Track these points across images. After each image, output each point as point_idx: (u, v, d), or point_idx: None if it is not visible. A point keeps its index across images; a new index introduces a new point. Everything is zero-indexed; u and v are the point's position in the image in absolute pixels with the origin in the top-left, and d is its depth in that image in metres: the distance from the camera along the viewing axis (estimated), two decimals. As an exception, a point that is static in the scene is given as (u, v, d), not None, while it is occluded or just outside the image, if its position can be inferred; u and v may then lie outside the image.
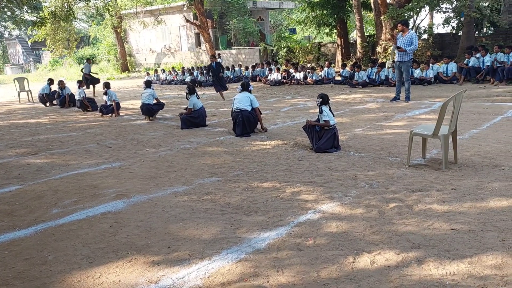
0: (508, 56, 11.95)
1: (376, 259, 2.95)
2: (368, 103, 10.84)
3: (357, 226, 3.50)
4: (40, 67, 40.20)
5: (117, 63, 32.51)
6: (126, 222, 3.85)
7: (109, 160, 6.23)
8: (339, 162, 5.44)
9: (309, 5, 20.45)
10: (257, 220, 3.73)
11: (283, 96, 13.44)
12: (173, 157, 6.19)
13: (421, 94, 11.28)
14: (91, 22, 43.13)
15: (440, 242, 3.13)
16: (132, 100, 14.71)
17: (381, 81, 13.89)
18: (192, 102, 8.52)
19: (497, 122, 7.42)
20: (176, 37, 32.05)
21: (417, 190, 4.26)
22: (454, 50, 17.20)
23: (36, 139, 8.34)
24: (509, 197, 3.92)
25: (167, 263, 3.06)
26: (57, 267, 3.11)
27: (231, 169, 5.43)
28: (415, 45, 9.96)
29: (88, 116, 11.30)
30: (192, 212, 4.00)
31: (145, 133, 8.34)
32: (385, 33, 17.06)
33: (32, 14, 22.45)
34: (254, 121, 7.56)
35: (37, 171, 5.85)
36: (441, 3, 16.32)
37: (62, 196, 4.71)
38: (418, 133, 5.03)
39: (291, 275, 2.80)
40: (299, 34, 30.82)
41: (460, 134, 6.32)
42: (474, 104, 9.41)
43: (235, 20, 27.18)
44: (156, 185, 4.92)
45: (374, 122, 8.06)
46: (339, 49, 20.58)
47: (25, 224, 3.96)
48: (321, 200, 4.15)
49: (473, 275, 2.68)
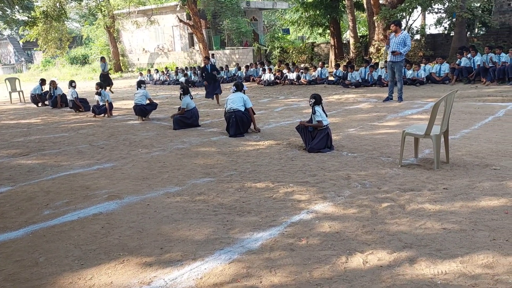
0: (499, 57, 12.05)
1: (368, 259, 2.95)
2: (361, 103, 10.88)
3: (349, 226, 3.51)
4: (32, 67, 39.90)
5: (110, 63, 32.33)
6: (118, 223, 3.83)
7: (101, 161, 6.20)
8: (332, 162, 5.45)
9: (303, 5, 20.50)
10: (250, 221, 3.73)
11: (276, 96, 13.45)
12: (166, 158, 6.17)
13: (414, 94, 11.34)
14: (84, 22, 42.88)
15: (432, 242, 3.14)
16: (125, 100, 14.65)
17: (374, 82, 13.95)
18: (186, 102, 8.50)
19: (488, 122, 7.48)
20: (169, 37, 31.97)
21: (409, 189, 4.28)
22: (446, 50, 17.32)
23: (28, 139, 8.28)
24: (500, 196, 3.95)
25: (160, 264, 3.04)
26: (48, 269, 3.08)
27: (224, 169, 5.42)
28: (409, 46, 10.03)
29: (80, 117, 11.23)
30: (185, 213, 3.99)
31: (137, 133, 8.31)
32: (378, 34, 17.16)
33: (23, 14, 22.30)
34: (247, 121, 7.55)
35: (28, 172, 5.81)
36: (433, 3, 16.45)
37: (53, 197, 4.67)
38: (410, 133, 5.05)
39: (283, 276, 2.80)
40: (292, 35, 30.88)
41: (452, 134, 6.36)
42: (465, 104, 9.48)
43: (228, 20, 27.17)
44: (148, 185, 4.90)
45: (367, 122, 8.09)
46: (332, 49, 20.64)
47: (16, 226, 3.92)
48: (314, 200, 4.15)
49: (465, 274, 2.70)
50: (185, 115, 8.51)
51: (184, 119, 8.51)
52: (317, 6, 20.07)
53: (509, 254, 2.89)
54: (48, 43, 28.45)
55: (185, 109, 8.50)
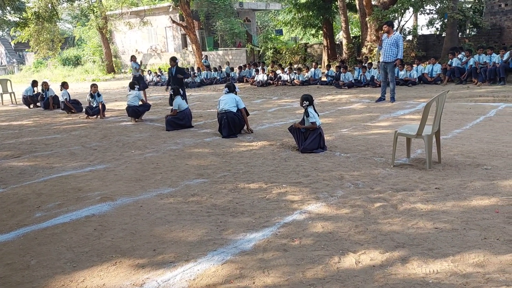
0: (490, 57, 12.16)
1: (361, 259, 2.97)
2: (354, 103, 10.93)
3: (342, 226, 3.52)
4: (24, 69, 39.53)
5: (103, 64, 32.17)
6: (111, 225, 3.81)
7: (94, 163, 6.17)
8: (325, 163, 5.47)
9: (295, 6, 20.53)
10: (243, 221, 3.73)
11: (269, 97, 13.46)
12: (159, 159, 6.15)
13: (406, 94, 11.40)
14: (76, 23, 42.64)
15: (424, 241, 3.16)
16: (118, 101, 14.58)
17: (367, 82, 14.01)
18: (177, 103, 8.49)
19: (479, 122, 7.54)
20: (162, 38, 31.88)
21: (402, 189, 4.30)
22: (438, 51, 17.44)
23: (20, 141, 8.21)
24: (491, 196, 3.98)
25: (152, 266, 3.03)
26: (40, 271, 3.06)
27: (218, 170, 5.41)
28: (401, 47, 10.11)
29: (73, 118, 11.16)
30: (178, 214, 3.98)
31: (130, 134, 8.27)
32: (370, 34, 17.24)
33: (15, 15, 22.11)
34: (239, 122, 7.55)
35: (20, 174, 5.76)
36: (425, 5, 16.54)
37: (45, 199, 4.64)
38: (402, 133, 5.08)
39: (277, 276, 2.81)
40: (285, 35, 30.93)
41: (444, 134, 6.41)
42: (457, 104, 9.55)
43: (221, 21, 27.14)
44: (141, 187, 4.88)
45: (359, 123, 8.12)
46: (325, 50, 20.70)
47: (7, 228, 3.89)
48: (307, 200, 4.16)
49: (456, 273, 2.72)
50: (178, 116, 8.49)
51: (176, 120, 8.49)
52: (310, 7, 20.12)
53: (500, 253, 2.92)
54: (40, 44, 28.22)
55: (177, 110, 8.48)
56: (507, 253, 2.91)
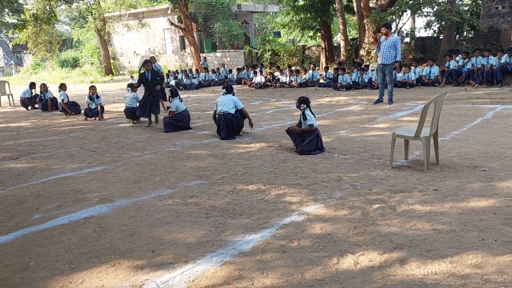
0: (487, 59, 12.21)
1: (359, 260, 2.97)
2: (352, 105, 10.95)
3: (341, 227, 3.53)
4: (22, 70, 39.49)
5: (101, 66, 32.17)
6: (109, 227, 3.81)
7: (93, 164, 6.16)
8: (323, 164, 5.48)
9: (293, 8, 20.59)
10: (242, 223, 3.73)
11: (268, 99, 13.48)
12: (157, 160, 6.15)
13: (404, 96, 11.44)
14: (74, 25, 42.60)
15: (422, 242, 3.17)
16: (116, 103, 14.58)
17: (365, 84, 14.05)
18: (175, 104, 8.49)
19: (477, 124, 7.57)
20: (160, 40, 31.91)
21: (400, 191, 4.32)
22: (436, 53, 17.50)
23: (18, 143, 8.20)
24: (489, 197, 4.00)
25: (151, 267, 3.04)
26: (39, 273, 3.06)
27: (216, 172, 5.42)
28: (399, 50, 10.15)
29: (71, 120, 11.15)
30: (177, 216, 3.98)
31: (129, 136, 8.27)
32: (368, 37, 17.28)
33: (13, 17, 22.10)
34: (237, 124, 7.56)
35: (18, 176, 5.75)
36: (422, 7, 16.60)
37: (44, 201, 4.63)
38: (400, 135, 5.10)
39: (275, 277, 2.81)
40: (283, 37, 30.99)
41: (441, 136, 6.43)
42: (455, 106, 9.59)
43: (219, 23, 27.20)
44: (140, 188, 4.88)
45: (357, 124, 8.14)
46: (323, 52, 20.74)
47: (5, 230, 3.88)
48: (306, 202, 4.17)
49: (454, 274, 2.73)
50: (176, 118, 8.50)
51: (174, 121, 8.50)
52: (308, 10, 20.17)
53: (498, 254, 2.93)
54: (38, 46, 28.19)
55: (175, 112, 8.48)
56: (505, 254, 2.92)
